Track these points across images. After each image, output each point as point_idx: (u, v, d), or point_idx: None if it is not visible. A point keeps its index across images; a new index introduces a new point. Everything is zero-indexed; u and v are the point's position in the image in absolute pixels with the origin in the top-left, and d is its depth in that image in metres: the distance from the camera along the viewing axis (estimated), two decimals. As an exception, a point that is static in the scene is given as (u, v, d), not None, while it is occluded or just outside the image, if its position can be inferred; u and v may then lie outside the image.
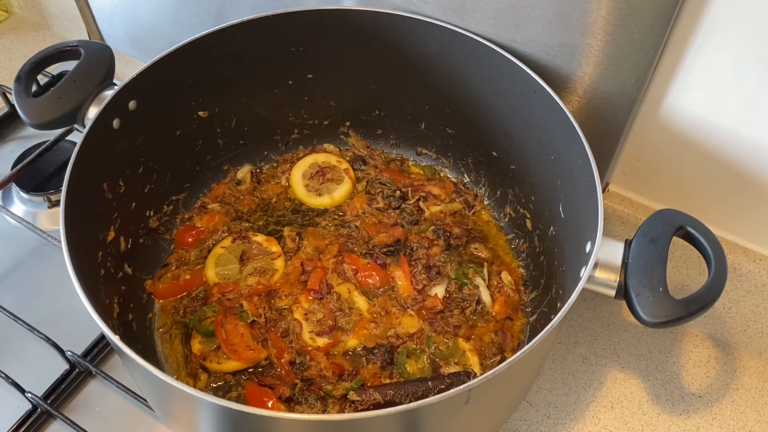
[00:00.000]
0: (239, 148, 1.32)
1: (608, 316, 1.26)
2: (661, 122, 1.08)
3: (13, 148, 1.45)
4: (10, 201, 1.38)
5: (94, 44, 1.12)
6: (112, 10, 1.54)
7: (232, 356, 1.08)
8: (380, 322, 1.13)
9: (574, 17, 0.99)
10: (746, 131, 1.02)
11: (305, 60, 1.22)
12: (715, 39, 0.95)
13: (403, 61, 1.19)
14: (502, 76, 1.10)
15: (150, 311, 1.16)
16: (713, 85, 1.00)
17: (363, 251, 1.21)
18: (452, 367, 1.08)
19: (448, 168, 1.35)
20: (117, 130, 1.06)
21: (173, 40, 1.09)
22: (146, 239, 1.20)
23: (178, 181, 1.25)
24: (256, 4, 1.28)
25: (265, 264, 1.19)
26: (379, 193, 1.29)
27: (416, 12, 1.13)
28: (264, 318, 1.13)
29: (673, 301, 0.85)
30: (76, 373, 1.14)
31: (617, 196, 1.21)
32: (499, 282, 1.18)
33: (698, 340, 1.23)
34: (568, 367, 1.19)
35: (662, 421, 1.14)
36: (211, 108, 1.22)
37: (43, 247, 1.31)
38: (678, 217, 0.92)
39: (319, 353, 1.09)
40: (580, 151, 0.95)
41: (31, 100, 1.06)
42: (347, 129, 1.36)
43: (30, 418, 1.10)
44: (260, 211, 1.29)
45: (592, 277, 0.88)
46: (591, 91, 1.07)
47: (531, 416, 1.13)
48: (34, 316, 1.16)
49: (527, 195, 1.20)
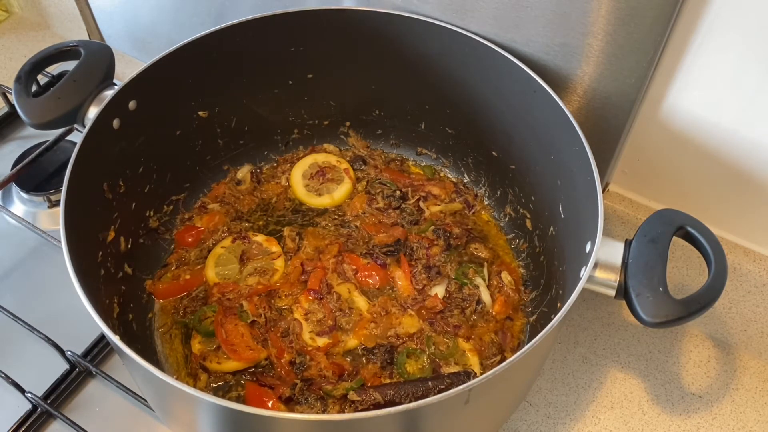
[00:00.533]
0: (239, 148, 1.32)
1: (608, 316, 1.26)
2: (661, 122, 1.08)
3: (13, 148, 1.45)
4: (10, 201, 1.38)
5: (94, 44, 1.12)
6: (112, 10, 1.54)
7: (232, 356, 1.08)
8: (380, 322, 1.13)
9: (574, 17, 0.99)
10: (746, 131, 1.02)
11: (305, 60, 1.22)
12: (715, 39, 0.95)
13: (403, 61, 1.19)
14: (502, 76, 1.10)
15: (150, 311, 1.16)
16: (713, 85, 1.00)
17: (363, 251, 1.21)
18: (452, 367, 1.08)
19: (448, 168, 1.35)
20: (117, 130, 1.06)
21: (173, 40, 1.09)
22: (146, 239, 1.20)
23: (178, 181, 1.25)
24: (256, 4, 1.28)
25: (265, 264, 1.19)
26: (379, 193, 1.29)
27: (416, 12, 1.13)
28: (264, 318, 1.13)
29: (673, 301, 0.85)
30: (76, 373, 1.14)
31: (617, 196, 1.21)
32: (499, 282, 1.18)
33: (698, 340, 1.23)
34: (568, 367, 1.19)
35: (662, 421, 1.14)
36: (211, 108, 1.22)
37: (43, 247, 1.30)
38: (678, 217, 0.92)
39: (319, 353, 1.09)
40: (580, 151, 0.95)
41: (31, 100, 1.06)
42: (347, 129, 1.36)
43: (30, 418, 1.10)
44: (260, 211, 1.29)
45: (592, 277, 0.88)
46: (591, 91, 1.07)
47: (531, 416, 1.13)
48: (34, 316, 1.16)
49: (527, 195, 1.20)
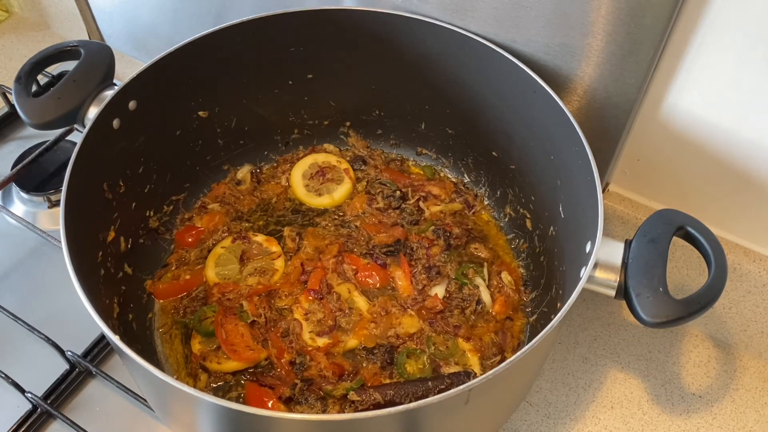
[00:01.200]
0: (239, 148, 1.32)
1: (608, 316, 1.26)
2: (661, 122, 1.08)
3: (13, 148, 1.45)
4: (10, 201, 1.38)
5: (94, 44, 1.12)
6: (112, 10, 1.54)
7: (232, 356, 1.08)
8: (380, 322, 1.12)
9: (574, 17, 0.99)
10: (746, 131, 1.02)
11: (305, 60, 1.22)
12: (715, 39, 0.95)
13: (403, 61, 1.19)
14: (502, 76, 1.09)
15: (150, 311, 1.16)
16: (713, 85, 1.00)
17: (363, 251, 1.21)
18: (452, 367, 1.08)
19: (448, 168, 1.35)
20: (117, 130, 1.06)
21: (173, 40, 1.09)
22: (146, 239, 1.20)
23: (178, 181, 1.25)
24: (256, 4, 1.28)
25: (265, 264, 1.19)
26: (379, 193, 1.29)
27: (416, 12, 1.12)
28: (264, 318, 1.13)
29: (673, 301, 0.85)
30: (76, 373, 1.14)
31: (617, 196, 1.21)
32: (499, 282, 1.18)
33: (698, 340, 1.23)
34: (568, 367, 1.19)
35: (662, 421, 1.14)
36: (211, 108, 1.22)
37: (43, 247, 1.30)
38: (678, 217, 0.92)
39: (319, 353, 1.09)
40: (580, 151, 0.95)
41: (31, 100, 1.06)
42: (347, 129, 1.36)
43: (30, 418, 1.10)
44: (260, 211, 1.29)
45: (592, 277, 0.88)
46: (591, 91, 1.06)
47: (531, 416, 1.13)
48: (34, 316, 1.16)
49: (527, 195, 1.20)
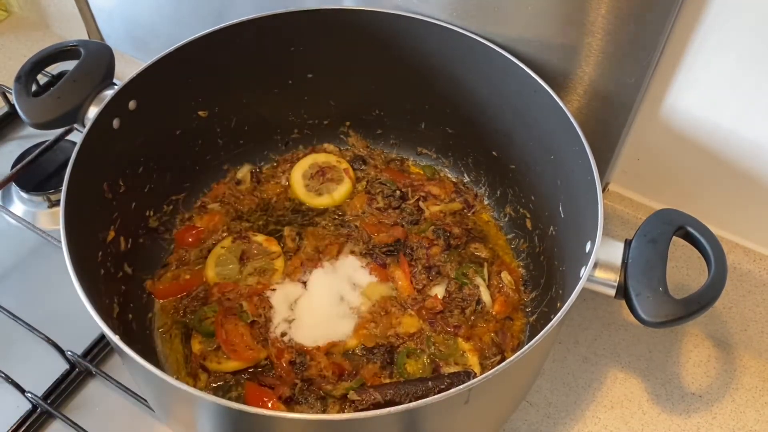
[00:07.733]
0: (239, 148, 1.32)
1: (608, 316, 1.26)
2: (661, 122, 1.08)
3: (13, 148, 1.45)
4: (10, 201, 1.38)
5: (93, 44, 1.12)
6: (112, 10, 1.54)
7: (232, 356, 1.08)
8: (380, 322, 1.12)
9: (574, 17, 0.99)
10: (746, 131, 1.02)
11: (305, 60, 1.22)
12: (715, 39, 0.95)
13: (403, 61, 1.19)
14: (502, 76, 1.09)
15: (150, 311, 1.16)
16: (713, 85, 1.00)
17: (363, 251, 1.21)
18: (452, 367, 1.08)
19: (448, 168, 1.35)
20: (117, 130, 1.06)
21: (173, 40, 1.09)
22: (146, 239, 1.20)
23: (178, 181, 1.25)
24: (256, 4, 1.28)
25: (265, 264, 1.19)
26: (379, 193, 1.29)
27: (416, 12, 1.12)
28: (264, 318, 1.13)
29: (673, 301, 0.85)
30: (76, 373, 1.14)
31: (617, 196, 1.21)
32: (499, 282, 1.18)
33: (698, 340, 1.23)
34: (568, 367, 1.19)
35: (662, 421, 1.14)
36: (211, 108, 1.22)
37: (43, 247, 1.30)
38: (678, 217, 0.92)
39: (319, 353, 1.09)
40: (580, 151, 0.95)
41: (31, 100, 1.06)
42: (347, 129, 1.36)
43: (30, 418, 1.10)
44: (260, 211, 1.29)
45: (592, 277, 0.88)
46: (591, 91, 1.06)
47: (531, 416, 1.13)
48: (34, 316, 1.16)
49: (527, 195, 1.20)
